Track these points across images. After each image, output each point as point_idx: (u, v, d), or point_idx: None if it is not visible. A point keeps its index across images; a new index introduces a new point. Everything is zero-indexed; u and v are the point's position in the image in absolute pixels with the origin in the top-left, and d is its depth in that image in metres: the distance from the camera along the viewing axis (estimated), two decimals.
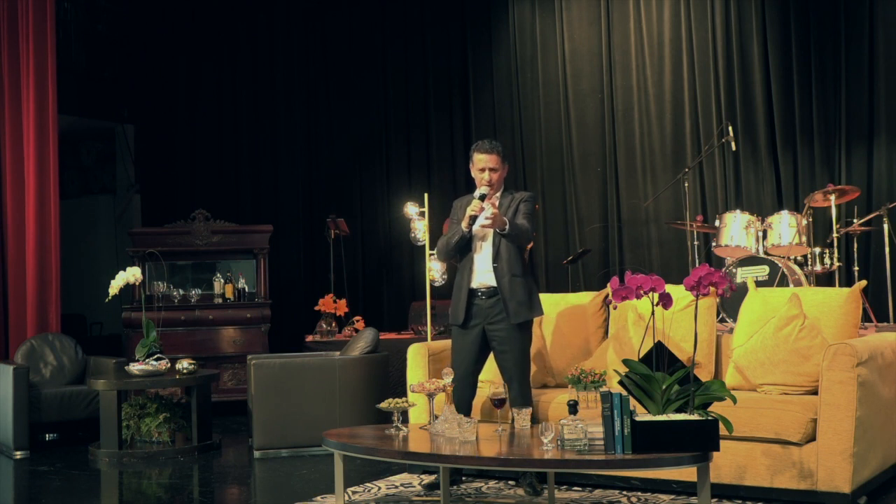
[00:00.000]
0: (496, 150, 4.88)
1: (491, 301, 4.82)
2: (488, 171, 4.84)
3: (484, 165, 4.85)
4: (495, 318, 4.82)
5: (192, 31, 10.02)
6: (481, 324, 4.85)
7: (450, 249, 4.91)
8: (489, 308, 4.83)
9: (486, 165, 4.85)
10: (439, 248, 4.99)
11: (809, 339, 4.60)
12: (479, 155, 4.87)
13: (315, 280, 9.61)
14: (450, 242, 4.89)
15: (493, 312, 4.82)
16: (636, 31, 8.64)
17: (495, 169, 4.85)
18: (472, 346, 4.88)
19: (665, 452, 3.56)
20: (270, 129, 10.02)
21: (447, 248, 4.93)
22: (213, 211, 8.86)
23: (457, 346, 4.95)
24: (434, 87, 9.65)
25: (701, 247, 7.64)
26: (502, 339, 4.81)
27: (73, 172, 11.43)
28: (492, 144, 4.90)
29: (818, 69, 7.83)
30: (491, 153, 4.86)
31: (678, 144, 8.43)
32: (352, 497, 4.87)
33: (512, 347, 4.80)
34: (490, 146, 4.88)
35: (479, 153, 4.87)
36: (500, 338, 4.82)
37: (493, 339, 4.85)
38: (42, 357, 7.24)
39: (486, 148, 4.88)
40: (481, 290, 4.84)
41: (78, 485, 5.66)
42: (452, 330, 5.00)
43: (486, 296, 4.83)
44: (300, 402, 6.17)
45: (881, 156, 7.57)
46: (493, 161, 4.85)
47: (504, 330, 4.80)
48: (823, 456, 4.25)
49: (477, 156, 4.88)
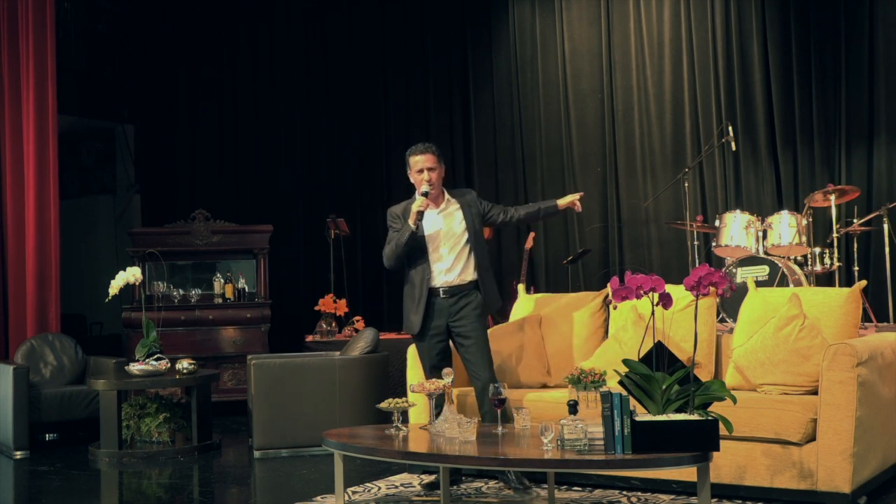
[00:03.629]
0: (431, 150, 5.06)
1: (452, 300, 4.96)
2: (426, 170, 5.00)
3: (422, 166, 5.01)
4: (459, 315, 4.95)
5: (193, 31, 10.02)
6: (444, 322, 4.97)
7: (400, 250, 4.97)
8: (450, 306, 4.97)
9: (423, 166, 5.01)
10: (388, 255, 5.04)
11: (809, 339, 4.60)
12: (415, 157, 5.05)
13: (315, 280, 9.61)
14: (399, 243, 4.96)
15: (456, 309, 4.96)
16: (636, 31, 8.64)
17: (433, 168, 5.01)
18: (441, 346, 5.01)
19: (665, 452, 3.56)
20: (270, 129, 10.02)
21: (397, 250, 4.98)
22: (213, 211, 8.86)
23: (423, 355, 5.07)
24: (434, 87, 9.64)
25: (701, 247, 7.64)
26: (468, 332, 4.94)
27: (73, 172, 11.42)
28: (426, 146, 5.10)
29: (818, 69, 7.83)
30: (426, 153, 5.04)
31: (678, 144, 8.43)
32: (352, 497, 4.87)
33: (478, 338, 4.94)
34: (424, 147, 5.08)
35: (416, 155, 5.05)
36: (467, 330, 4.94)
37: (459, 335, 4.97)
38: (42, 357, 7.24)
39: (420, 149, 5.07)
40: (442, 290, 4.96)
41: (78, 485, 5.66)
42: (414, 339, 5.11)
43: (448, 294, 4.97)
44: (300, 402, 6.18)
45: (881, 156, 7.57)
46: (430, 161, 5.02)
47: (470, 323, 4.94)
48: (823, 456, 4.25)
49: (414, 158, 5.05)
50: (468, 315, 4.96)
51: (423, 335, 5.01)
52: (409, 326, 5.06)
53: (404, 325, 5.12)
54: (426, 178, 4.98)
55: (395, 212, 5.11)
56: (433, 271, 4.97)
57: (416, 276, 5.01)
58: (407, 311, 5.05)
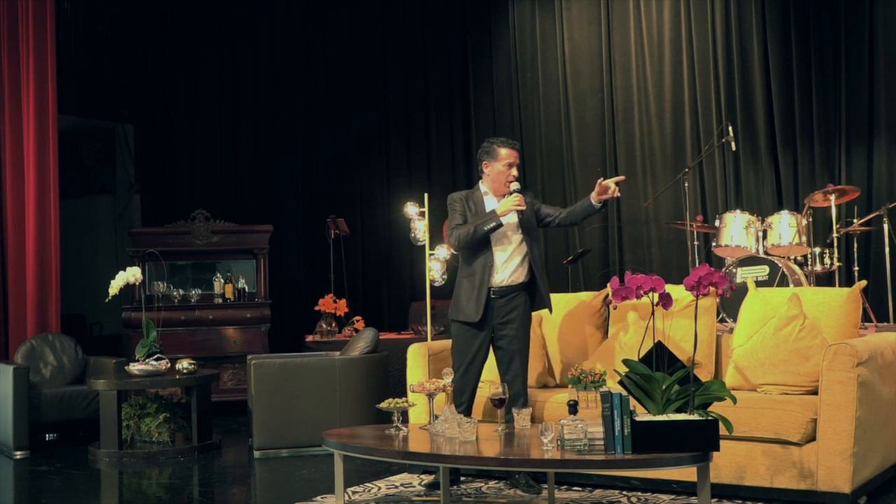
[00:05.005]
0: (518, 147, 4.97)
1: (504, 300, 4.86)
2: (515, 166, 4.91)
3: (513, 160, 4.90)
4: (507, 317, 4.86)
5: (192, 31, 10.02)
6: (492, 323, 4.88)
7: (476, 239, 4.82)
8: (501, 307, 4.86)
9: (514, 161, 4.91)
10: (461, 237, 4.83)
11: (809, 339, 4.60)
12: (507, 150, 4.91)
13: (315, 280, 9.61)
14: (479, 230, 4.79)
15: (506, 311, 4.86)
16: (636, 31, 8.64)
17: (518, 165, 4.93)
18: (485, 345, 4.91)
19: (665, 452, 3.56)
20: (270, 129, 10.02)
21: (472, 238, 4.81)
22: (213, 211, 8.86)
23: (467, 345, 4.89)
24: (434, 86, 9.65)
25: (701, 247, 7.63)
26: (511, 338, 4.85)
27: (73, 172, 11.43)
28: (514, 141, 5.01)
29: (818, 69, 7.83)
30: (516, 149, 4.94)
31: (678, 144, 8.43)
32: (352, 497, 4.87)
33: (521, 346, 4.86)
34: (514, 142, 4.98)
35: (508, 148, 4.92)
36: (510, 336, 4.85)
37: (503, 338, 4.87)
38: (42, 357, 7.24)
39: (512, 144, 4.96)
40: (497, 289, 4.86)
41: (78, 485, 5.65)
42: (459, 328, 4.92)
43: (499, 295, 4.86)
44: (300, 402, 6.17)
45: (881, 156, 7.57)
46: (517, 157, 4.92)
47: (516, 328, 4.85)
48: (823, 456, 4.25)
49: (506, 150, 4.91)
50: (514, 320, 4.86)
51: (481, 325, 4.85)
52: (465, 314, 4.85)
53: (453, 310, 4.92)
54: (514, 175, 4.89)
55: (457, 198, 4.97)
56: (495, 267, 4.84)
57: (476, 268, 4.86)
58: (464, 298, 4.87)
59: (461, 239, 4.85)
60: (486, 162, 4.96)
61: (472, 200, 4.95)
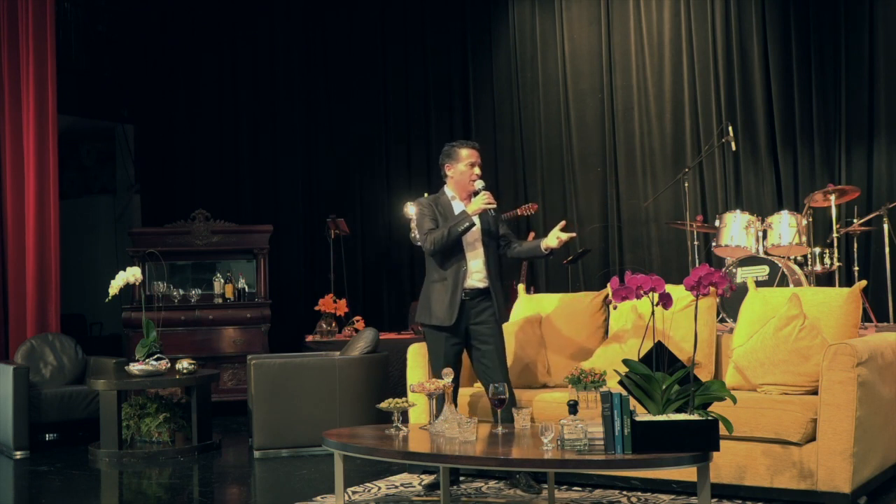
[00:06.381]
0: (478, 147, 5.08)
1: (475, 301, 4.90)
2: (478, 165, 4.99)
3: (475, 160, 4.99)
4: (479, 318, 4.90)
5: (192, 31, 10.02)
6: (466, 324, 4.91)
7: (451, 241, 4.82)
8: (472, 308, 4.90)
9: (476, 160, 4.99)
10: (437, 240, 4.82)
11: (809, 339, 4.60)
12: (467, 150, 5.01)
13: (315, 280, 9.60)
14: (453, 232, 4.80)
15: (477, 312, 4.90)
16: (636, 31, 8.64)
17: (480, 164, 5.01)
18: (460, 347, 4.95)
19: (665, 452, 3.56)
20: (270, 129, 10.02)
21: (447, 240, 4.82)
22: (213, 211, 8.86)
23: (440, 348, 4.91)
24: (434, 86, 9.64)
25: (701, 247, 7.63)
26: (487, 338, 4.88)
27: (73, 172, 11.43)
28: (474, 142, 5.15)
29: (818, 69, 7.83)
30: (476, 148, 5.04)
31: (678, 144, 8.43)
32: (352, 497, 4.87)
33: (497, 345, 4.90)
34: (474, 143, 5.11)
35: (468, 148, 5.02)
36: (486, 335, 4.89)
37: (477, 339, 4.90)
38: (42, 357, 7.24)
39: (471, 144, 5.08)
40: (469, 291, 4.90)
41: (78, 485, 5.66)
42: (432, 332, 4.94)
43: (471, 297, 4.90)
44: (300, 402, 6.18)
45: (881, 156, 7.57)
46: (478, 156, 5.02)
47: (490, 328, 4.90)
48: (823, 456, 4.25)
49: (466, 150, 5.00)
50: (488, 320, 4.90)
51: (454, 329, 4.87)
52: (439, 318, 4.86)
53: (425, 315, 4.93)
54: (478, 173, 4.96)
55: (425, 202, 5.02)
56: (469, 271, 4.88)
57: (449, 271, 4.87)
58: (437, 302, 4.87)
59: (437, 242, 4.85)
60: (448, 164, 5.02)
61: (440, 205, 4.99)
